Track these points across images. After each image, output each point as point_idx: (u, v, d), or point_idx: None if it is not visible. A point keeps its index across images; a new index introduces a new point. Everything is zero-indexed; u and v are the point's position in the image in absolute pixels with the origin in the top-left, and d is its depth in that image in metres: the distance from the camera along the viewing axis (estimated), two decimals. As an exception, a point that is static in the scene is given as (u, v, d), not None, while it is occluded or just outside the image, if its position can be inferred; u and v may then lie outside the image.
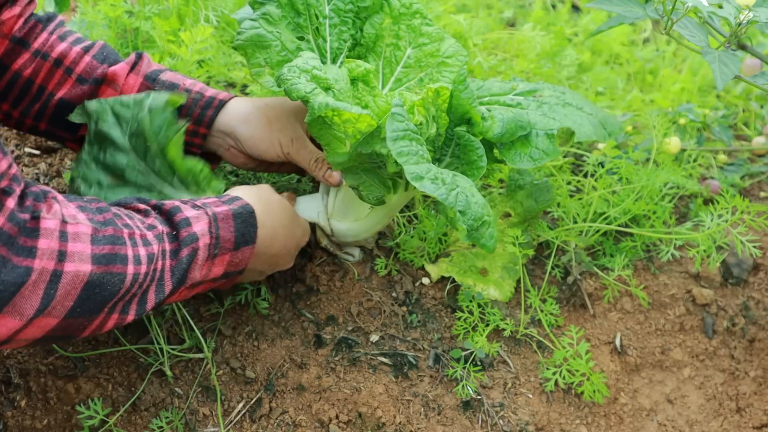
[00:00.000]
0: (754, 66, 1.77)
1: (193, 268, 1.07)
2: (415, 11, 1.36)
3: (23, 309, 0.90)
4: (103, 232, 0.97)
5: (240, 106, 1.30)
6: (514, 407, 1.31)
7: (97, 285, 0.95)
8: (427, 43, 1.36)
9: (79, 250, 0.94)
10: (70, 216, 0.95)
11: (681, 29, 1.15)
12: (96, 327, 1.01)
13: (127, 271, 0.98)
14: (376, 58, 1.37)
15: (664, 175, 1.49)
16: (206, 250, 1.08)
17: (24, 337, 0.94)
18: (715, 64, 1.08)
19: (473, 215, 1.11)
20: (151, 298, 1.04)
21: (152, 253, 1.02)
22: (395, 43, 1.36)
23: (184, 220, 1.07)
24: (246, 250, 1.13)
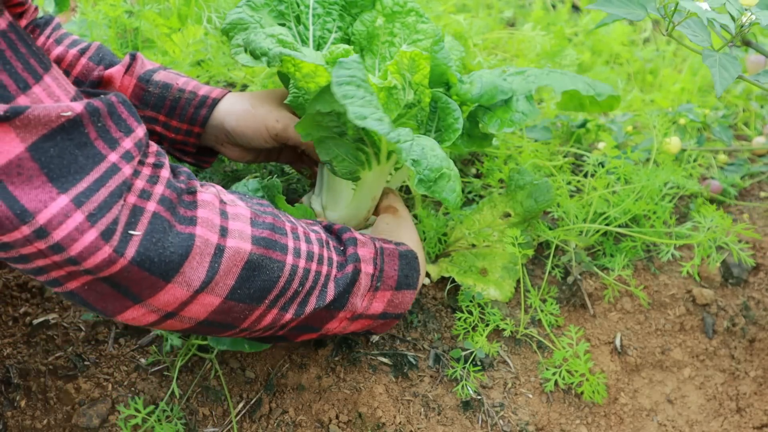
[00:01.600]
0: (758, 63, 1.77)
1: (355, 292, 1.08)
2: (410, 9, 1.37)
3: (191, 279, 0.90)
4: (263, 218, 0.99)
5: (228, 101, 1.31)
6: (514, 407, 1.31)
7: (257, 267, 0.96)
8: (422, 39, 1.36)
9: (239, 228, 0.95)
10: (229, 199, 0.98)
11: (684, 29, 1.14)
12: (254, 319, 1.00)
13: (286, 261, 0.99)
14: (373, 56, 1.37)
15: (664, 175, 1.49)
16: (369, 279, 1.09)
17: (188, 314, 0.94)
18: (715, 68, 1.08)
19: (429, 166, 1.06)
20: (311, 302, 1.04)
21: (312, 252, 1.03)
22: (390, 41, 1.36)
23: (351, 239, 1.10)
24: (407, 293, 1.15)
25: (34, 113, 0.80)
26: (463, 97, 1.24)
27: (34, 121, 0.80)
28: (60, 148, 0.82)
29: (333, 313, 1.08)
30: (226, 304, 0.95)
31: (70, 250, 0.83)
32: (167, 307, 0.92)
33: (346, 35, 1.36)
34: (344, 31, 1.36)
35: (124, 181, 0.87)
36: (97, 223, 0.83)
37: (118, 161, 0.87)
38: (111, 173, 0.86)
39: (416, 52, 1.17)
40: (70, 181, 0.83)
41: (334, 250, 1.08)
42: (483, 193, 1.58)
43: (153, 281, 0.88)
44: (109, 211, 0.85)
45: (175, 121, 1.30)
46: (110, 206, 0.85)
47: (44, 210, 0.81)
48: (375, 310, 1.12)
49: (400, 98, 1.21)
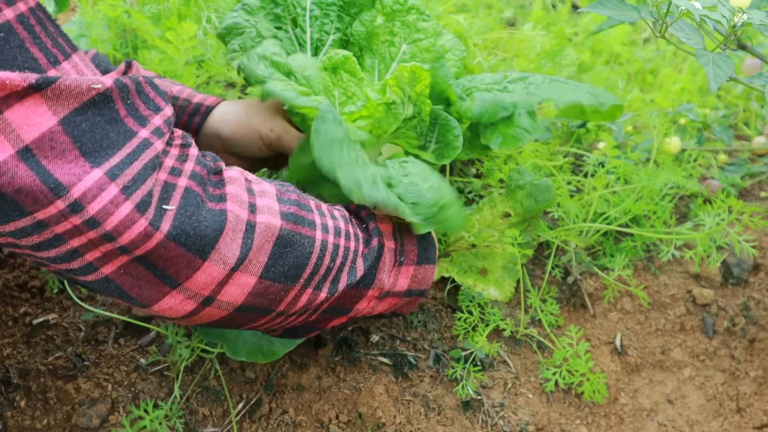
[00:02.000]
0: (755, 66, 1.77)
1: (381, 268, 1.07)
2: (411, 7, 1.35)
3: (226, 256, 0.89)
4: (288, 195, 0.99)
5: (222, 108, 1.30)
6: (514, 407, 1.31)
7: (288, 243, 0.95)
8: (423, 39, 1.34)
9: (267, 204, 0.94)
10: (254, 178, 0.98)
11: (676, 31, 1.15)
12: (290, 300, 0.99)
13: (315, 237, 0.98)
14: (372, 55, 1.36)
15: (664, 175, 1.49)
16: (392, 255, 1.09)
17: (226, 297, 0.93)
18: (708, 66, 1.08)
19: (428, 202, 1.05)
20: (343, 279, 1.03)
21: (339, 228, 1.02)
22: (390, 40, 1.35)
23: (370, 215, 1.09)
24: (428, 268, 1.14)
25: (66, 83, 0.79)
26: (463, 115, 1.23)
27: (66, 92, 0.79)
28: (92, 122, 0.82)
29: (362, 291, 1.07)
30: (261, 284, 0.94)
31: (105, 224, 0.81)
32: (204, 290, 0.90)
33: (345, 36, 1.35)
34: (343, 32, 1.35)
35: (156, 155, 0.86)
36: (132, 196, 0.83)
37: (149, 136, 0.87)
38: (143, 147, 0.85)
39: (417, 66, 1.16)
40: (103, 156, 0.82)
41: (357, 226, 1.07)
42: (483, 193, 1.58)
43: (189, 259, 0.87)
44: (144, 184, 0.84)
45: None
46: (144, 179, 0.84)
47: (78, 183, 0.79)
48: (401, 287, 1.12)
49: (399, 113, 1.20)
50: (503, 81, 1.33)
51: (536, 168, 1.58)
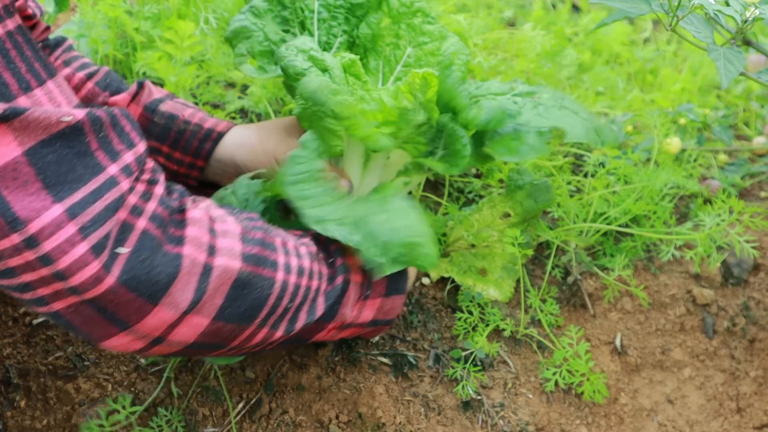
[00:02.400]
0: (758, 62, 1.77)
1: (345, 303, 1.06)
2: (417, 10, 1.34)
3: (178, 301, 0.87)
4: (253, 234, 0.96)
5: (236, 134, 1.30)
6: (514, 407, 1.31)
7: (246, 285, 0.93)
8: (428, 42, 1.34)
9: (228, 246, 0.92)
10: (218, 215, 0.95)
11: (687, 25, 1.14)
12: (245, 338, 0.98)
13: (276, 278, 0.96)
14: (377, 57, 1.36)
15: (664, 176, 1.49)
16: (358, 289, 1.07)
17: (176, 338, 0.91)
18: (720, 61, 1.08)
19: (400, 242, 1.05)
20: (301, 318, 1.02)
21: (303, 267, 1.00)
22: (395, 42, 1.35)
23: (338, 249, 1.07)
24: (396, 299, 1.13)
25: (34, 115, 0.78)
26: (470, 123, 1.23)
27: (34, 123, 0.78)
28: (59, 155, 0.80)
29: (322, 325, 1.06)
30: (214, 325, 0.93)
31: (58, 262, 0.80)
32: (155, 332, 0.89)
33: (351, 38, 1.35)
34: (349, 35, 1.34)
35: (120, 195, 0.85)
36: (89, 237, 0.81)
37: (117, 174, 0.85)
38: (109, 186, 0.84)
39: (429, 72, 1.15)
40: (66, 190, 0.81)
41: (323, 263, 1.05)
42: (483, 193, 1.58)
43: (140, 304, 0.86)
44: (102, 226, 0.82)
45: (178, 153, 1.29)
46: (104, 220, 0.83)
47: (36, 219, 0.79)
48: (365, 318, 1.11)
49: (411, 119, 1.20)
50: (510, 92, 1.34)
51: (536, 168, 1.58)
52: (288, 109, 1.60)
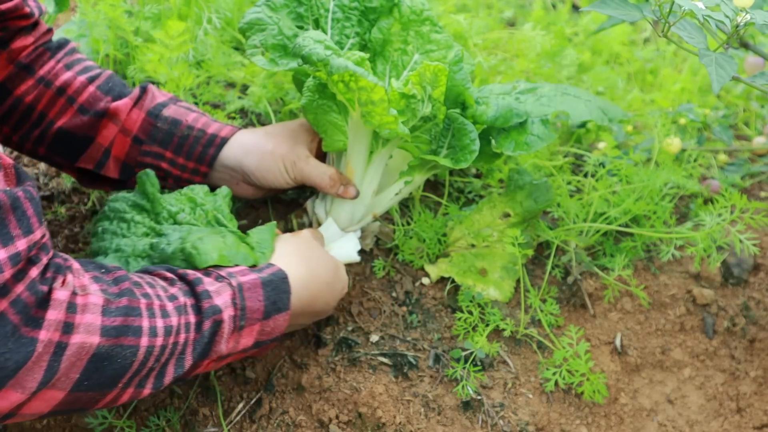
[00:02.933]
0: (757, 64, 1.77)
1: (217, 341, 1.03)
2: (425, 18, 1.37)
3: (25, 382, 0.86)
4: (117, 303, 0.94)
5: (242, 141, 1.30)
6: (514, 407, 1.31)
7: (106, 358, 0.91)
8: (435, 50, 1.36)
9: (87, 322, 0.90)
10: (81, 287, 0.92)
11: (679, 31, 1.14)
12: (110, 400, 0.97)
13: (140, 344, 0.94)
14: (384, 62, 1.38)
15: (664, 176, 1.49)
16: (231, 322, 1.03)
17: (29, 411, 0.90)
18: (711, 66, 1.08)
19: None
20: (169, 372, 1.00)
21: (170, 326, 0.98)
22: (403, 48, 1.37)
23: (204, 292, 1.03)
24: (278, 317, 1.09)
25: None
26: (478, 118, 1.24)
27: None
28: None
29: (196, 364, 1.03)
30: (71, 396, 0.91)
31: None
32: (4, 410, 0.87)
33: (363, 41, 1.36)
34: (361, 37, 1.36)
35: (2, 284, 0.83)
36: None
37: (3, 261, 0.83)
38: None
39: (440, 66, 1.16)
40: None
41: (191, 311, 1.01)
42: (483, 193, 1.58)
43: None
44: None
45: (181, 159, 1.29)
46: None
47: None
48: (245, 345, 1.07)
49: (417, 109, 1.21)
50: (513, 92, 1.35)
51: (536, 168, 1.58)
52: (288, 109, 1.60)
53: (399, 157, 1.36)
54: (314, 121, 1.27)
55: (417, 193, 1.52)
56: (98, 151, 1.29)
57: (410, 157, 1.34)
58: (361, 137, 1.27)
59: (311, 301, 1.15)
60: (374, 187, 1.33)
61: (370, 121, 1.19)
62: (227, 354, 1.05)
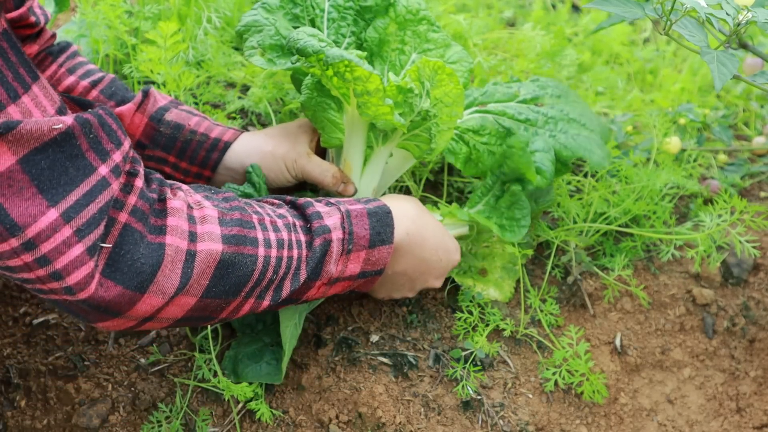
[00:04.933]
0: (755, 65, 1.77)
1: (327, 261, 1.09)
2: (422, 18, 1.37)
3: (165, 287, 0.92)
4: (230, 215, 1.00)
5: (246, 142, 1.32)
6: (514, 407, 1.31)
7: (230, 265, 0.97)
8: (432, 49, 1.37)
9: (208, 231, 0.96)
10: (195, 202, 0.98)
11: (680, 29, 1.15)
12: (233, 309, 1.02)
13: (258, 253, 1.00)
14: (382, 62, 1.38)
15: (664, 176, 1.49)
16: (340, 245, 1.09)
17: (166, 316, 0.96)
18: (713, 64, 1.08)
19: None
20: (287, 286, 1.06)
21: (282, 239, 1.04)
22: (400, 48, 1.37)
23: (315, 213, 1.10)
24: (383, 249, 1.14)
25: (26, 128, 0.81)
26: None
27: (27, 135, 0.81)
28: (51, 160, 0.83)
29: (309, 284, 1.09)
30: (202, 302, 0.97)
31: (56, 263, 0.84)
32: (145, 315, 0.94)
33: (359, 40, 1.37)
34: (357, 36, 1.36)
35: (112, 197, 0.88)
36: (84, 239, 0.85)
37: (108, 175, 0.88)
38: (101, 188, 0.87)
39: (439, 63, 1.17)
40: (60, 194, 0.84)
41: (301, 231, 1.08)
42: (483, 193, 1.58)
43: (129, 296, 0.90)
44: (97, 228, 0.86)
45: (184, 163, 1.30)
46: (98, 222, 0.86)
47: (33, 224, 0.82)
48: (352, 272, 1.13)
49: (415, 104, 1.21)
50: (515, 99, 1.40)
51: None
52: (288, 109, 1.60)
53: (399, 157, 1.36)
54: (313, 117, 1.29)
55: (417, 193, 1.52)
56: None
57: (411, 159, 1.34)
58: (358, 133, 1.28)
59: (421, 241, 1.20)
60: (374, 185, 1.33)
61: (366, 112, 1.20)
62: (336, 277, 1.11)
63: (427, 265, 1.24)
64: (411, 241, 1.19)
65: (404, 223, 1.18)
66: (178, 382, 1.26)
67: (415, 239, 1.19)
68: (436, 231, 1.24)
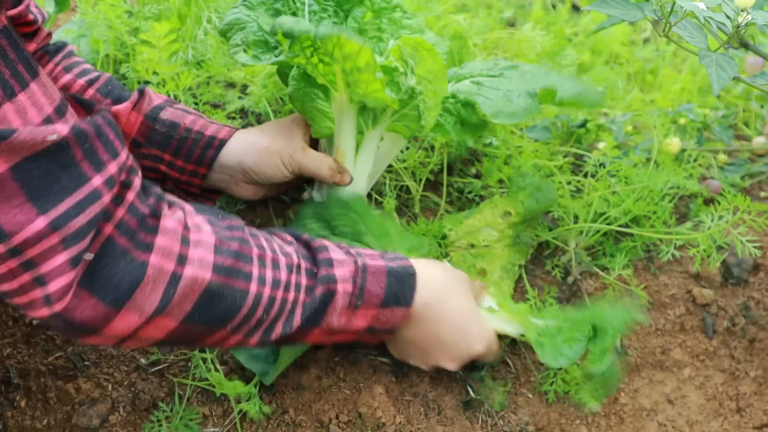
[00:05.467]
0: (757, 64, 1.77)
1: (329, 312, 1.05)
2: (396, 5, 1.39)
3: (143, 306, 0.90)
4: (229, 245, 0.96)
5: (241, 139, 1.31)
6: (514, 407, 1.31)
7: (217, 295, 0.94)
8: (409, 35, 1.38)
9: (200, 256, 0.93)
10: (194, 224, 0.95)
11: (680, 30, 1.14)
12: (219, 340, 1.00)
13: (249, 289, 0.97)
14: None
15: (664, 176, 1.49)
16: (347, 298, 1.05)
17: (146, 336, 0.94)
18: (711, 68, 1.08)
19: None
20: (278, 329, 1.02)
21: (278, 279, 1.00)
22: (378, 36, 1.39)
23: (327, 260, 1.06)
24: (396, 310, 1.09)
25: (20, 138, 0.80)
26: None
27: (20, 145, 0.80)
28: (44, 169, 0.82)
29: (306, 330, 1.05)
30: (183, 327, 0.95)
31: (40, 267, 0.84)
32: (123, 333, 0.92)
33: None
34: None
35: (102, 209, 0.86)
36: (69, 249, 0.84)
37: (101, 187, 0.86)
38: (92, 200, 0.85)
39: (419, 39, 1.17)
40: (51, 202, 0.83)
41: (305, 274, 1.04)
42: (483, 193, 1.58)
43: (104, 311, 0.88)
44: (83, 239, 0.85)
45: (180, 161, 1.30)
46: (86, 234, 0.85)
47: (21, 232, 0.81)
48: (357, 326, 1.09)
49: (401, 83, 1.22)
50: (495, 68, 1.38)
51: (536, 168, 1.58)
52: (288, 109, 1.60)
53: (390, 140, 1.37)
54: (301, 108, 1.30)
55: (417, 194, 1.52)
56: None
57: (402, 140, 1.35)
58: (348, 119, 1.29)
59: (436, 317, 1.14)
60: (368, 171, 1.34)
61: (357, 91, 1.20)
62: (339, 329, 1.07)
63: (440, 344, 1.17)
64: (428, 313, 1.13)
65: (426, 291, 1.12)
66: (177, 382, 1.26)
67: (432, 312, 1.13)
68: (463, 311, 1.17)
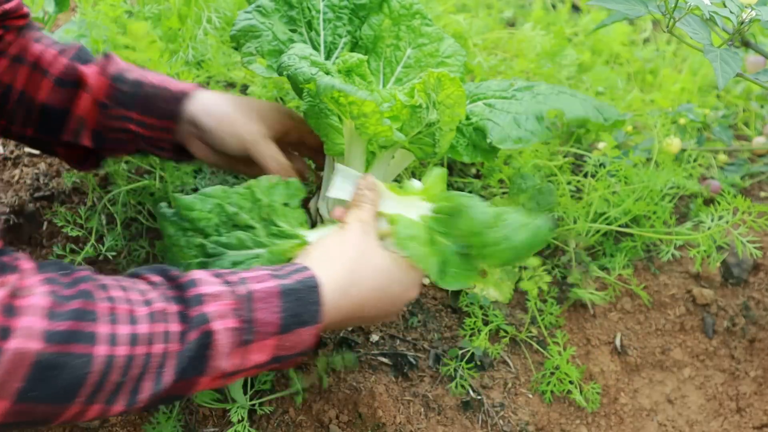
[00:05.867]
0: (757, 63, 1.77)
1: (213, 357, 0.91)
2: (416, 12, 1.37)
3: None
4: (67, 306, 0.85)
5: (206, 97, 1.26)
6: (514, 407, 1.31)
7: (52, 367, 0.83)
8: (427, 44, 1.36)
9: (26, 326, 0.82)
10: (25, 288, 0.84)
11: (684, 26, 1.14)
12: (73, 415, 0.87)
13: (95, 353, 0.85)
14: (377, 58, 1.37)
15: (664, 176, 1.49)
16: (230, 335, 0.92)
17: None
18: (716, 62, 1.08)
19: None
20: (146, 388, 0.89)
21: (136, 334, 0.88)
22: (395, 44, 1.37)
23: (196, 297, 0.92)
24: (302, 331, 0.96)
25: None
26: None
27: None
28: None
29: (192, 380, 0.92)
30: (19, 406, 0.83)
31: None
32: None
33: (354, 39, 1.36)
34: (353, 35, 1.36)
35: None
36: None
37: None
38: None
39: (444, 73, 1.15)
40: None
41: (176, 319, 0.91)
42: (483, 193, 1.58)
43: None
44: None
45: (148, 118, 1.26)
46: None
47: None
48: (257, 361, 0.95)
49: (423, 117, 1.21)
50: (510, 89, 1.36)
51: (536, 168, 1.58)
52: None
53: (400, 156, 1.36)
54: (316, 125, 1.26)
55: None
56: (76, 123, 1.29)
57: (412, 156, 1.34)
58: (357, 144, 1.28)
59: (355, 309, 1.04)
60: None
61: (365, 132, 1.19)
62: (234, 371, 0.94)
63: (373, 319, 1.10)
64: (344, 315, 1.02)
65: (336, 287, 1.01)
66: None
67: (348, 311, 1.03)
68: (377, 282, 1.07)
